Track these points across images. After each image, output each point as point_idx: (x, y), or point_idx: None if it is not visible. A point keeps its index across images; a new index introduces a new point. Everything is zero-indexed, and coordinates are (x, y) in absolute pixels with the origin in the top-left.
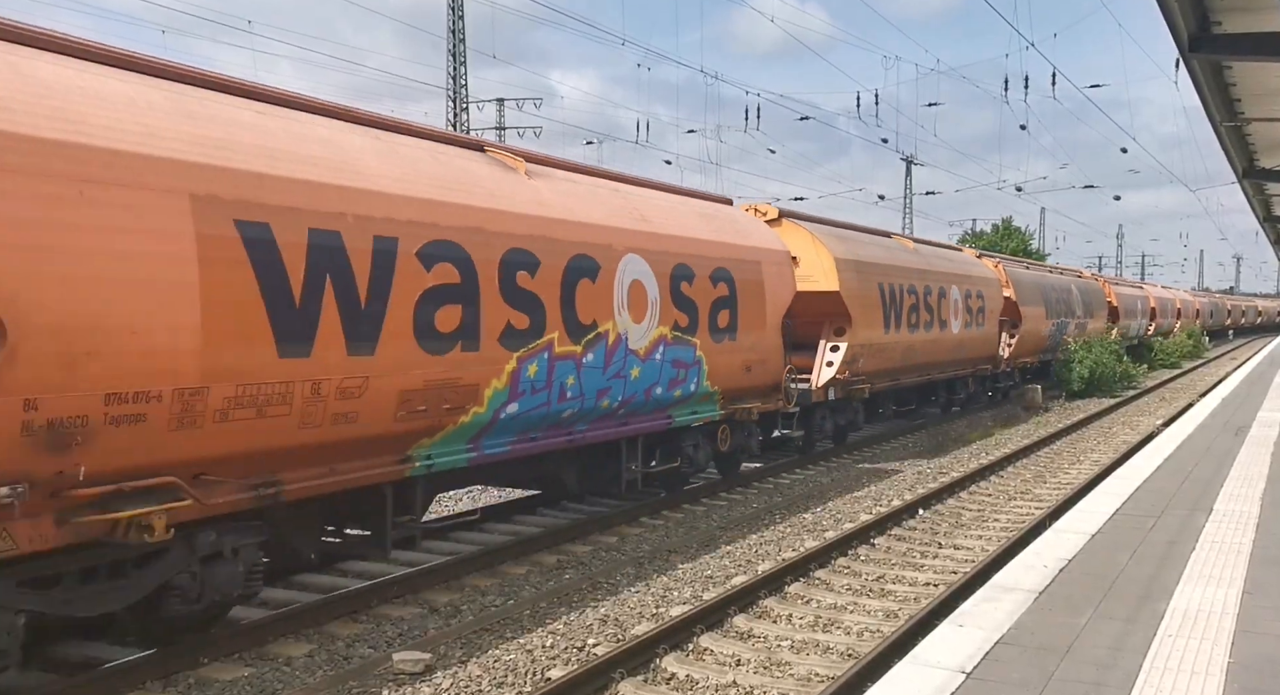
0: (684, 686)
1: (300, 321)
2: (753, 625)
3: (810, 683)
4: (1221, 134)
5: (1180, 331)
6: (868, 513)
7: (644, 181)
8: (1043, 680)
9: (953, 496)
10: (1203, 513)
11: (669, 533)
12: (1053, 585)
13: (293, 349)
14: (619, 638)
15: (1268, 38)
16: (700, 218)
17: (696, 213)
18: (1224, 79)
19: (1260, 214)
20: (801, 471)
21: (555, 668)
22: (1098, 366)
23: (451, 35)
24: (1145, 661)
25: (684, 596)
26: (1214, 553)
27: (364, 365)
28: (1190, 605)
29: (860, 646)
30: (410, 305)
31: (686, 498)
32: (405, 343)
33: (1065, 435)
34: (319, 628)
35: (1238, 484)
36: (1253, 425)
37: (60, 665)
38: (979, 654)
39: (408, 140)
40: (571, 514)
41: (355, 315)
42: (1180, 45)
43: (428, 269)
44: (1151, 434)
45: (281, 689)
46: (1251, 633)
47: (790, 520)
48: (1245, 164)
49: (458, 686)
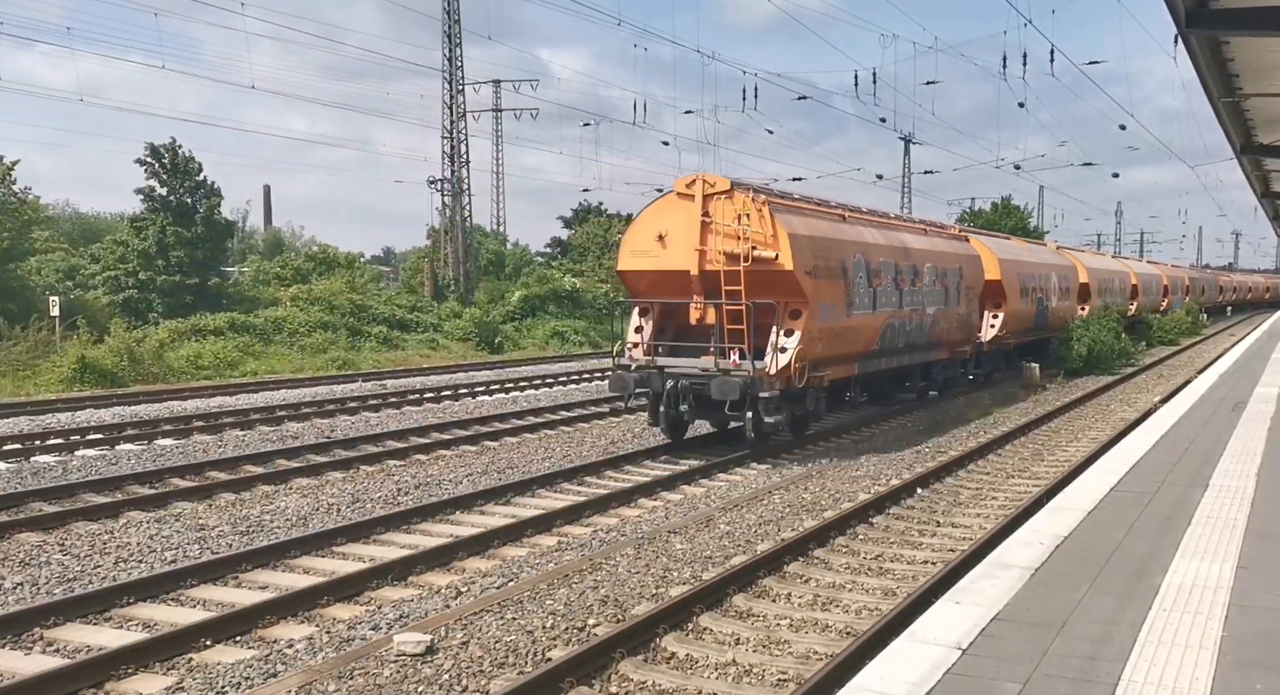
0: (684, 665)
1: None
2: (752, 604)
3: (809, 660)
4: (1219, 110)
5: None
6: (866, 492)
7: (903, 220)
8: (1038, 655)
9: (951, 475)
10: (1199, 488)
11: (668, 514)
12: (1049, 562)
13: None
14: (619, 618)
15: (1266, 12)
16: (943, 239)
17: (931, 236)
18: (1222, 54)
19: (1258, 190)
20: (800, 451)
21: (556, 648)
22: (1096, 344)
23: (447, 17)
24: (1140, 636)
25: (683, 576)
26: (1209, 528)
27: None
28: (1185, 580)
29: (859, 624)
30: (880, 290)
31: (684, 479)
32: (878, 309)
33: (1063, 413)
34: (320, 610)
35: (1234, 459)
36: (1250, 401)
37: (62, 648)
38: (975, 630)
39: (897, 224)
40: (570, 496)
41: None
42: (1178, 20)
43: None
44: (1149, 410)
45: (283, 671)
46: (1245, 607)
47: (789, 500)
48: (1243, 140)
49: (459, 667)
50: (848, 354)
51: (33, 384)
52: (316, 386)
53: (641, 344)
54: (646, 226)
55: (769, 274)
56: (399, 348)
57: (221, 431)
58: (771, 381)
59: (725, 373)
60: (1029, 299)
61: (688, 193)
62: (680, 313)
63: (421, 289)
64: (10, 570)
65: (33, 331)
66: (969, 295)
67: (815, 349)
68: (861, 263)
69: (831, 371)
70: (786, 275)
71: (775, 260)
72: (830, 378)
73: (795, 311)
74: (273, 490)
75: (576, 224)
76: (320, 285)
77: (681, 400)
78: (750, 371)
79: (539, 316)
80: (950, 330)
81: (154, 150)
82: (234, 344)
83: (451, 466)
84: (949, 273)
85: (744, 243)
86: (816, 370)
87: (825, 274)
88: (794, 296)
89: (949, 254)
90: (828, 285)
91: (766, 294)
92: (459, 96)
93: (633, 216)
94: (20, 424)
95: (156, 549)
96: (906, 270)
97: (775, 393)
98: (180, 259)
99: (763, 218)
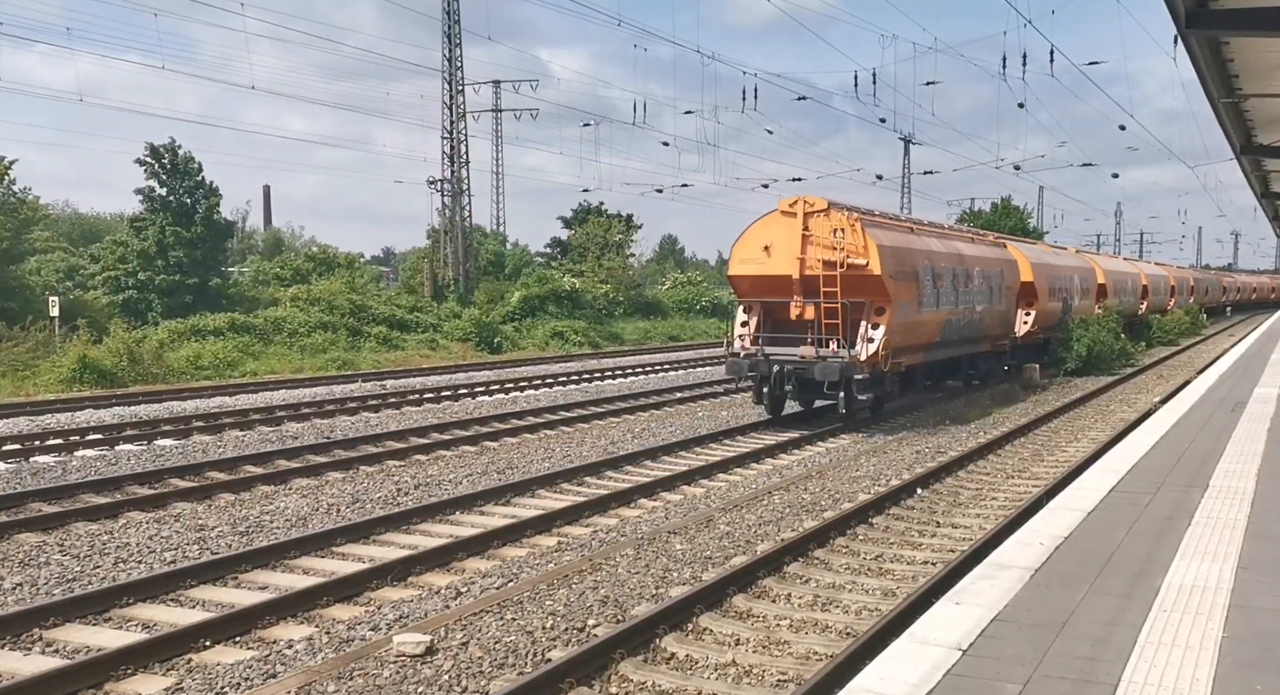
0: (684, 666)
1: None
2: (752, 605)
3: (809, 661)
4: (1219, 110)
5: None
6: (866, 493)
7: (956, 230)
8: (1038, 656)
9: (951, 476)
10: (1198, 489)
11: (668, 514)
12: (1049, 562)
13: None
14: (619, 619)
15: (1266, 13)
16: (985, 246)
17: (978, 243)
18: (1222, 55)
19: (1258, 190)
20: (799, 452)
21: (556, 649)
22: (1095, 344)
23: (446, 17)
24: (1140, 637)
25: (683, 577)
26: (1209, 529)
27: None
28: (1185, 581)
29: (859, 625)
30: (942, 291)
31: (684, 480)
32: (940, 307)
33: (1063, 413)
34: (320, 610)
35: (1233, 460)
36: (1249, 401)
37: (61, 648)
38: (976, 631)
39: (952, 234)
40: (569, 496)
41: (935, 295)
42: (1178, 21)
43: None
44: (1149, 411)
45: (283, 671)
46: (1245, 608)
47: (789, 501)
48: (1243, 140)
49: (459, 668)
50: (917, 345)
51: (32, 384)
52: (316, 387)
53: (748, 336)
54: (754, 239)
55: (860, 278)
56: (398, 348)
57: (221, 432)
58: (862, 366)
59: (824, 359)
60: (1056, 298)
61: (790, 211)
62: (779, 310)
63: (421, 289)
64: (10, 571)
65: (32, 332)
66: (1008, 295)
67: (895, 340)
68: (929, 267)
69: (905, 359)
70: (875, 279)
71: (866, 266)
72: (904, 364)
73: (880, 308)
74: (272, 491)
75: (576, 224)
76: (320, 285)
77: (786, 382)
78: (846, 358)
79: (539, 317)
80: (993, 326)
81: (154, 150)
82: (234, 344)
83: (451, 467)
84: (992, 275)
85: (839, 252)
86: (895, 357)
87: (903, 277)
88: (880, 296)
89: (992, 259)
90: (905, 286)
91: (857, 294)
92: (459, 97)
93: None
94: (20, 424)
95: (156, 549)
96: (961, 274)
97: (866, 375)
98: (180, 259)
99: (855, 231)
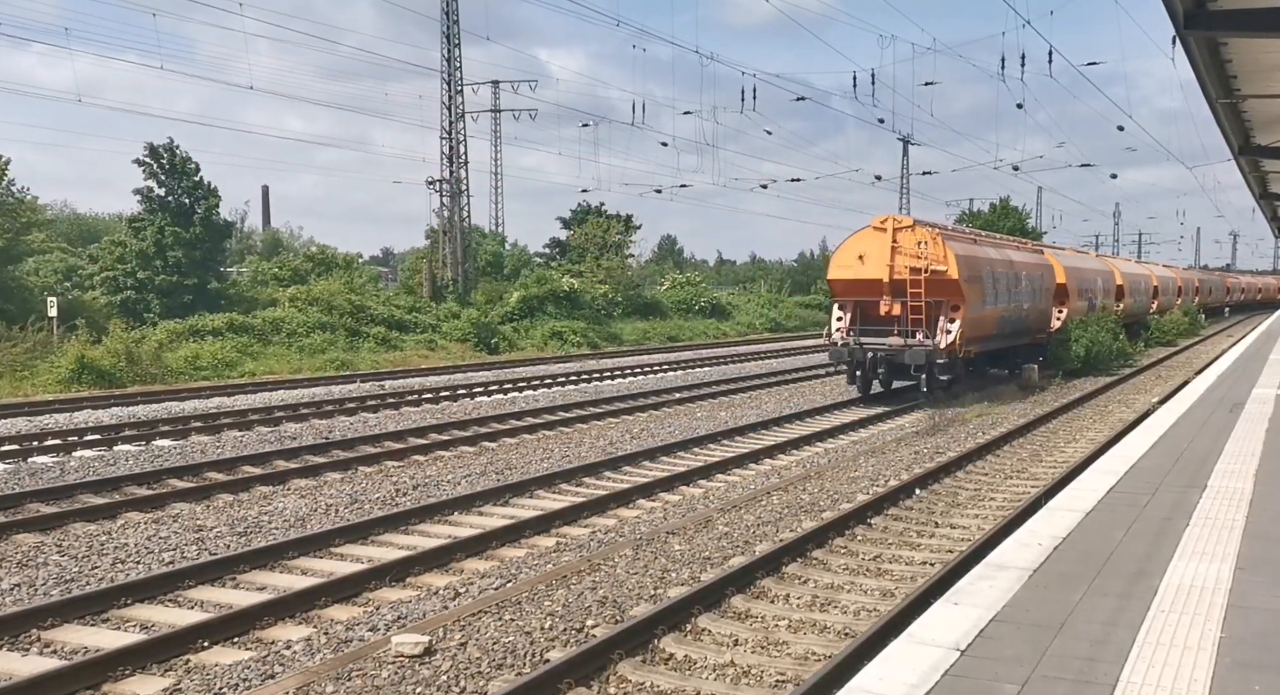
0: (683, 666)
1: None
2: (750, 605)
3: (807, 661)
4: (1218, 111)
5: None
6: (865, 493)
7: (1006, 240)
8: (1036, 656)
9: (949, 476)
10: (1197, 489)
11: (666, 515)
12: (1047, 563)
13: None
14: (617, 619)
15: (1264, 13)
16: (1027, 253)
17: (1023, 251)
18: (1220, 55)
19: (1256, 191)
20: (797, 452)
21: (554, 649)
22: (1094, 345)
23: (445, 17)
24: (1138, 637)
25: (682, 578)
26: (1207, 529)
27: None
28: (1183, 581)
29: (857, 625)
30: (999, 292)
31: (683, 481)
32: (998, 305)
33: (1062, 414)
34: (318, 611)
35: (1232, 460)
36: (1248, 402)
37: (59, 649)
38: (974, 631)
39: (1004, 243)
40: (568, 497)
41: (997, 293)
42: (1176, 21)
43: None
44: (1148, 411)
45: (281, 672)
46: (1243, 608)
47: (787, 502)
48: (1241, 141)
49: (457, 668)
50: (980, 336)
51: (30, 385)
52: (315, 387)
53: (843, 329)
54: (850, 250)
55: (940, 281)
56: (397, 348)
57: (220, 432)
58: (942, 353)
59: (910, 347)
60: (1084, 298)
61: (881, 227)
62: (868, 307)
63: (420, 290)
64: (8, 571)
65: (31, 332)
66: (1046, 295)
67: (966, 332)
68: (990, 272)
69: (972, 348)
70: (953, 282)
71: (945, 273)
72: (971, 352)
73: (955, 306)
74: (271, 491)
75: (575, 225)
76: (319, 286)
77: (878, 366)
78: (930, 346)
79: (537, 317)
80: (1035, 322)
81: (152, 150)
82: (232, 345)
83: (449, 467)
84: (1035, 278)
85: (923, 260)
86: (966, 346)
87: (973, 281)
88: (956, 296)
89: (1034, 264)
90: (974, 288)
91: (937, 295)
92: (457, 97)
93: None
94: (18, 425)
95: (154, 550)
96: (1012, 277)
97: (945, 360)
98: (178, 259)
99: (937, 243)
